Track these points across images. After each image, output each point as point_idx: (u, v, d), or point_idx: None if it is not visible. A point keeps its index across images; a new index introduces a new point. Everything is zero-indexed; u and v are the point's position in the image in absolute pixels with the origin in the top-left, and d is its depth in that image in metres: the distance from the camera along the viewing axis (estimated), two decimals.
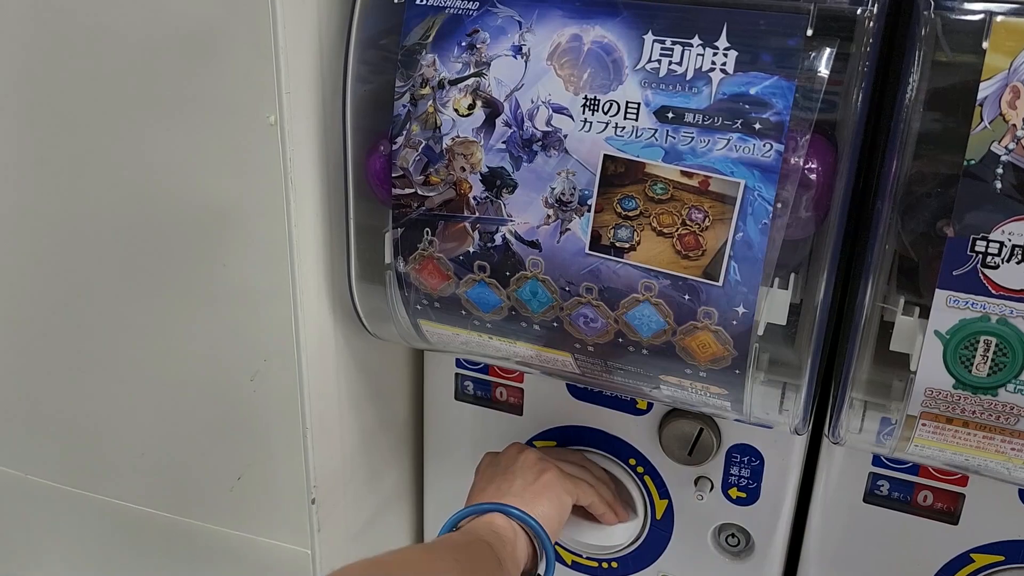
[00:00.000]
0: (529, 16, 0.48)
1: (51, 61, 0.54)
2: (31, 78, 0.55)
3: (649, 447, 0.63)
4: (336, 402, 0.60)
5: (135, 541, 0.67)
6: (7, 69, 0.56)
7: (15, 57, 0.55)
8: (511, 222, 0.51)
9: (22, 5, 0.53)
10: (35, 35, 0.54)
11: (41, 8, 0.53)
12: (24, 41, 0.55)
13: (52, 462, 0.66)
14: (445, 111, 0.50)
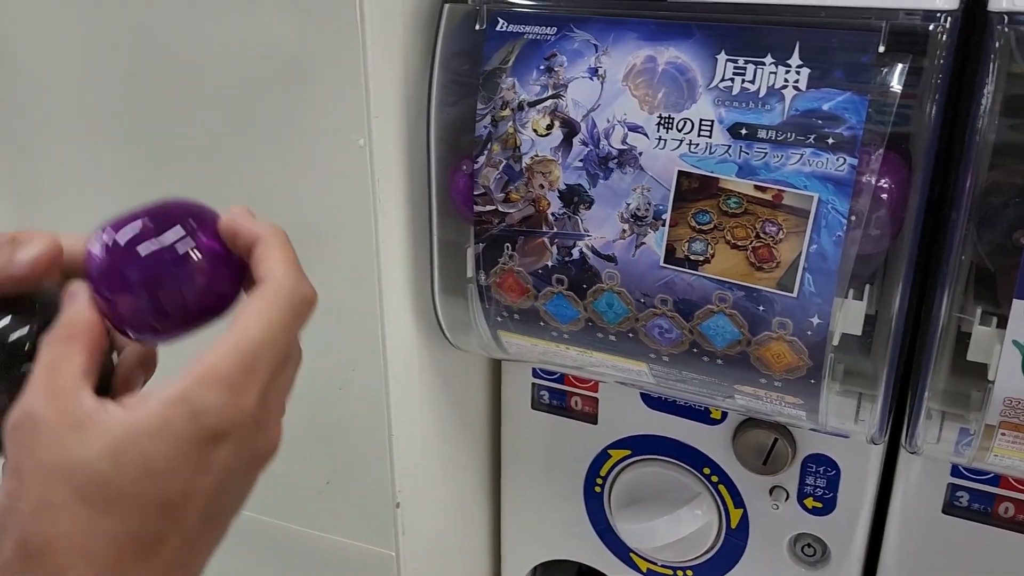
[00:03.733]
0: (605, 39, 0.50)
1: (157, 90, 0.58)
2: (138, 105, 0.59)
3: (723, 456, 0.64)
4: (419, 410, 0.63)
5: (226, 542, 0.70)
6: (114, 97, 0.60)
7: (122, 85, 0.59)
8: (588, 237, 0.53)
9: (128, 37, 0.58)
10: (141, 65, 0.58)
11: (146, 40, 0.57)
12: (130, 70, 0.59)
13: None
14: (524, 131, 0.53)
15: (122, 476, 0.29)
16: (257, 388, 0.31)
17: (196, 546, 0.31)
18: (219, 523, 0.32)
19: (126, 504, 0.29)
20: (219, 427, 0.30)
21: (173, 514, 0.30)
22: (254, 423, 0.31)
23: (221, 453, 0.30)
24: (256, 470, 0.33)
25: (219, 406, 0.30)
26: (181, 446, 0.29)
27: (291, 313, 0.34)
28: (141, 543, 0.29)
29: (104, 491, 0.29)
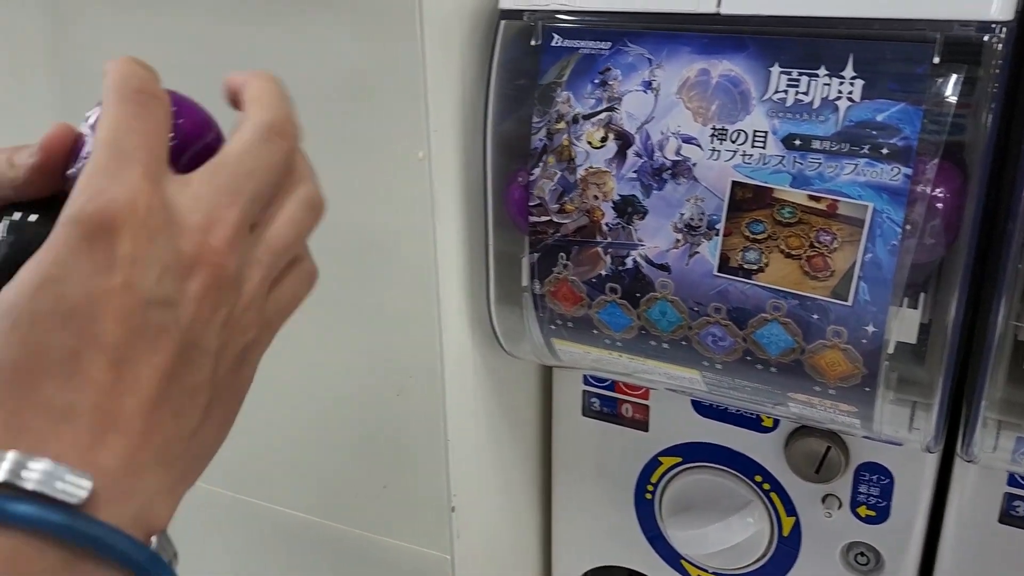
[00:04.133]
0: (659, 53, 0.52)
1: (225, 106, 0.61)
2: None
3: (775, 464, 0.64)
4: (473, 416, 0.64)
5: (287, 544, 0.72)
6: None
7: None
8: (641, 246, 0.54)
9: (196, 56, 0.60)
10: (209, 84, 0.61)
11: (214, 58, 0.60)
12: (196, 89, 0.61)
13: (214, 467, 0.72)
14: (579, 144, 0.54)
15: (20, 294, 0.27)
16: (131, 173, 0.28)
17: (135, 365, 0.27)
18: (162, 341, 0.28)
19: (25, 320, 0.27)
20: (99, 215, 0.27)
21: (83, 324, 0.27)
22: (148, 210, 0.28)
23: (120, 247, 0.27)
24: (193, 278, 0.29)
25: (91, 195, 0.27)
26: (67, 245, 0.27)
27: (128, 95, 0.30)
28: (51, 359, 0.26)
29: (7, 317, 0.27)
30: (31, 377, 0.26)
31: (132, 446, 0.27)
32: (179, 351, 0.28)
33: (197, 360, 0.29)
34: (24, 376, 0.26)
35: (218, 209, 0.29)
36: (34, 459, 0.25)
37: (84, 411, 0.26)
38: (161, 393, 0.28)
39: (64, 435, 0.26)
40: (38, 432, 0.26)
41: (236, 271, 0.30)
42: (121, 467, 0.26)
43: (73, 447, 0.26)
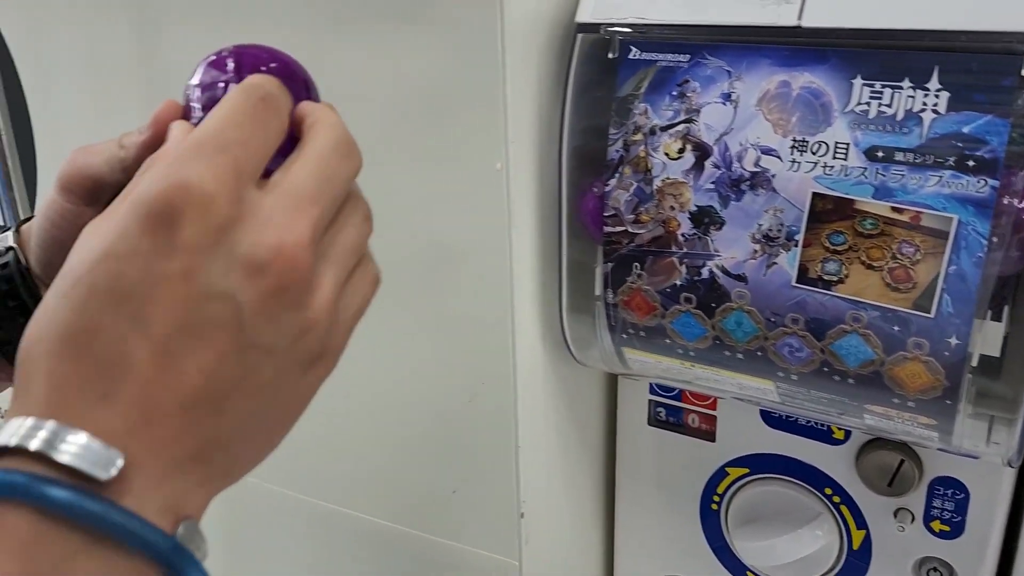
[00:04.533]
0: (738, 66, 0.52)
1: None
2: None
3: (846, 477, 0.64)
4: (543, 423, 0.65)
5: (355, 547, 0.73)
6: None
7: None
8: (718, 257, 0.54)
9: None
10: None
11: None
12: None
13: (285, 470, 0.74)
14: (656, 155, 0.55)
15: (81, 262, 0.27)
16: (216, 160, 0.27)
17: (181, 358, 0.26)
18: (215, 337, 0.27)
19: (82, 291, 0.26)
20: (164, 196, 0.26)
21: (135, 307, 0.26)
22: (217, 198, 0.27)
23: (182, 233, 0.26)
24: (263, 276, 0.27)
25: (164, 175, 0.27)
26: (133, 222, 0.26)
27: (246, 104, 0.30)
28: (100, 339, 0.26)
29: (69, 276, 0.27)
30: (78, 352, 0.26)
31: (166, 440, 0.26)
32: (235, 350, 0.27)
33: (256, 361, 0.28)
34: (71, 349, 0.26)
35: (297, 211, 0.29)
36: (72, 432, 0.25)
37: (122, 398, 0.26)
38: (205, 391, 0.27)
39: (99, 418, 0.26)
40: (75, 409, 0.26)
41: (309, 273, 0.29)
42: (151, 459, 0.26)
43: (107, 432, 0.25)
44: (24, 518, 0.24)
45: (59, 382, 0.26)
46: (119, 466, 0.25)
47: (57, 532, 0.24)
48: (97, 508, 0.24)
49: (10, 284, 0.39)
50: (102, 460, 0.25)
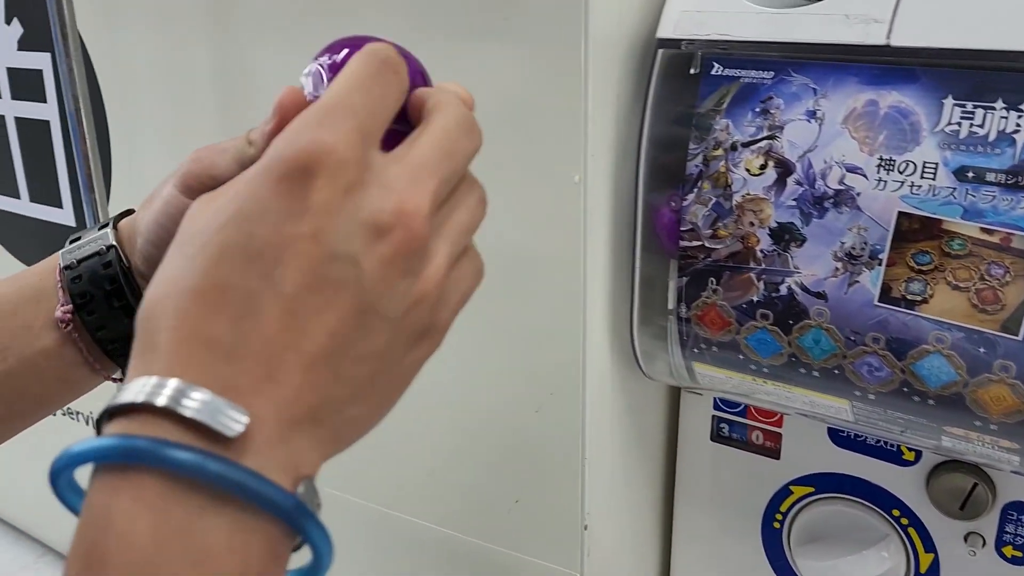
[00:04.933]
0: (824, 83, 0.52)
1: None
2: None
3: (915, 499, 0.63)
4: (609, 436, 0.65)
5: (415, 554, 0.74)
6: None
7: None
8: (798, 274, 0.54)
9: None
10: None
11: None
12: None
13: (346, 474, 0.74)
14: (737, 171, 0.55)
15: (213, 223, 0.27)
16: (345, 124, 0.28)
17: (306, 318, 0.27)
18: (339, 299, 0.27)
19: (213, 250, 0.27)
20: (300, 156, 0.27)
21: (266, 266, 0.26)
22: (348, 161, 0.27)
23: (315, 194, 0.27)
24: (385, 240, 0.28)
25: (297, 136, 0.27)
26: (265, 183, 0.27)
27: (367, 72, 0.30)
28: (229, 296, 0.26)
29: (196, 240, 0.27)
30: (205, 309, 0.26)
31: (287, 399, 0.27)
32: (355, 312, 0.28)
33: (372, 325, 0.28)
34: (199, 306, 0.26)
35: (418, 180, 0.29)
36: (196, 389, 0.25)
37: (247, 355, 0.26)
38: (326, 351, 0.27)
39: (223, 375, 0.26)
40: (200, 367, 0.26)
41: (426, 242, 0.29)
42: (273, 417, 0.26)
43: (230, 388, 0.26)
44: (153, 479, 0.24)
45: (186, 338, 0.26)
46: (244, 424, 0.25)
47: (184, 492, 0.25)
48: (221, 468, 0.25)
49: (114, 283, 0.39)
50: (227, 417, 0.25)
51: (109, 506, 0.24)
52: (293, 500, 0.26)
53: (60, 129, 0.85)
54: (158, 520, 0.24)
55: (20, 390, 0.39)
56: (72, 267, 0.39)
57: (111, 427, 0.26)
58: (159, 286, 0.28)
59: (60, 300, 0.39)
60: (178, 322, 0.26)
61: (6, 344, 0.38)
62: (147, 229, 0.38)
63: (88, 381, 0.41)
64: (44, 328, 0.39)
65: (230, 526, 0.25)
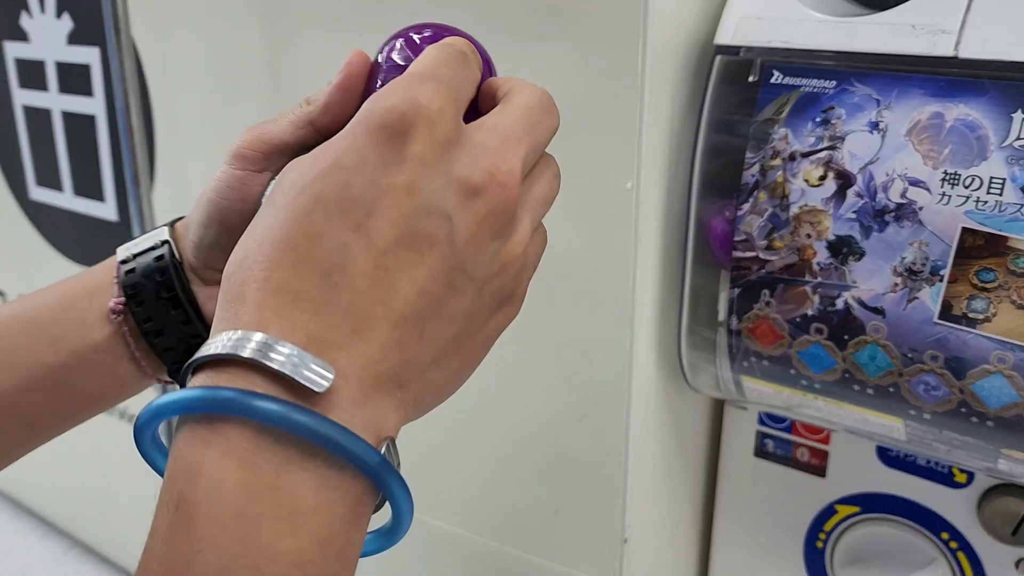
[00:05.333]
0: (888, 94, 0.51)
1: None
2: None
3: (966, 522, 0.62)
4: (652, 448, 0.64)
5: (452, 563, 0.73)
6: None
7: None
8: (855, 288, 0.53)
9: None
10: None
11: None
12: None
13: None
14: (795, 181, 0.54)
15: (307, 172, 0.27)
16: (440, 87, 0.28)
17: (396, 273, 0.26)
18: (430, 255, 0.27)
19: (308, 199, 0.26)
20: (398, 109, 0.27)
21: (359, 217, 0.26)
22: (446, 116, 0.27)
23: (412, 146, 0.27)
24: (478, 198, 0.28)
25: (394, 92, 0.27)
26: (363, 135, 0.27)
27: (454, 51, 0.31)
28: (320, 247, 0.26)
29: (288, 191, 0.27)
30: (295, 259, 0.26)
31: (372, 357, 0.26)
32: (445, 270, 0.27)
33: (460, 285, 0.28)
34: (289, 256, 0.26)
35: (508, 145, 0.29)
36: (282, 343, 0.25)
37: (335, 309, 0.26)
38: (415, 309, 0.27)
39: (310, 328, 0.25)
40: (287, 319, 0.25)
41: (516, 204, 0.29)
42: (357, 374, 0.26)
43: (316, 342, 0.25)
44: (241, 431, 0.24)
45: (275, 288, 0.26)
46: (330, 379, 0.25)
47: (272, 445, 0.24)
48: (309, 421, 0.24)
49: (164, 275, 0.39)
50: (313, 372, 0.25)
51: (199, 458, 0.24)
52: (379, 457, 0.25)
53: (107, 123, 0.86)
54: (247, 473, 0.24)
55: (70, 383, 0.39)
56: (127, 261, 0.40)
57: (197, 379, 0.26)
58: (249, 238, 0.27)
59: (114, 293, 0.39)
60: (267, 273, 0.26)
61: (60, 336, 0.39)
62: (199, 213, 0.39)
63: (136, 381, 0.41)
64: (97, 322, 0.39)
65: (316, 482, 0.25)
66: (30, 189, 0.98)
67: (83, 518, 1.18)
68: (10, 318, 0.39)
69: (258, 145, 0.36)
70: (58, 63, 0.88)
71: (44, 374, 0.38)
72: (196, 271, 0.40)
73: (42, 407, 0.39)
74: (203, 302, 0.40)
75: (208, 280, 0.40)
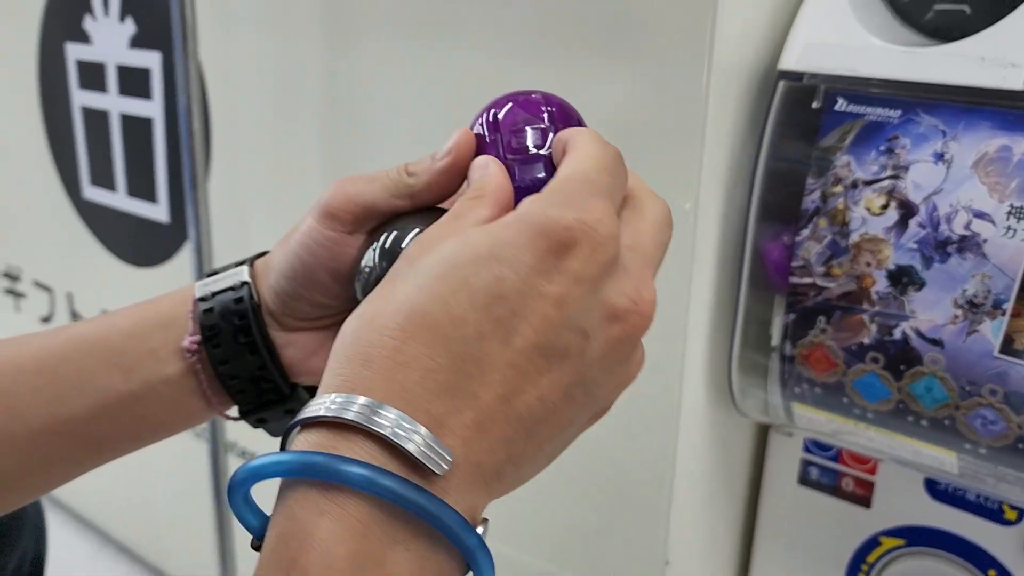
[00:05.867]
0: (954, 126, 0.51)
1: None
2: None
3: (1015, 560, 0.61)
4: (697, 471, 0.64)
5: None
6: None
7: None
8: (913, 318, 0.52)
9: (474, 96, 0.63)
10: None
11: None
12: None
13: None
14: (856, 209, 0.54)
15: (463, 253, 0.27)
16: (606, 205, 0.28)
17: (524, 378, 0.27)
18: (559, 369, 0.27)
19: (456, 279, 0.26)
20: (564, 221, 0.27)
21: (504, 314, 0.26)
22: (609, 242, 0.27)
23: (571, 261, 0.27)
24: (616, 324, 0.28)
25: (561, 202, 0.27)
26: (526, 236, 0.27)
27: (610, 153, 0.31)
28: (459, 332, 0.26)
29: (435, 267, 0.27)
30: (432, 338, 0.26)
31: (484, 451, 0.27)
32: (568, 383, 0.28)
33: (578, 398, 0.28)
34: (426, 333, 0.26)
35: (645, 269, 0.30)
36: (414, 423, 0.25)
37: (460, 398, 0.26)
38: (532, 414, 0.27)
39: (433, 409, 0.26)
40: (413, 397, 0.26)
41: (645, 332, 0.30)
42: (467, 464, 0.26)
43: (436, 425, 0.26)
44: (361, 503, 0.25)
45: (405, 361, 0.26)
46: (448, 464, 0.25)
47: (383, 521, 0.25)
48: (429, 504, 0.25)
49: (242, 319, 0.39)
50: (437, 455, 0.25)
51: (313, 524, 0.25)
52: (479, 540, 0.26)
53: (163, 126, 0.87)
54: (357, 545, 0.24)
55: (140, 413, 0.39)
56: (205, 299, 0.39)
57: (311, 437, 0.26)
58: (383, 299, 0.27)
59: (189, 329, 0.39)
60: (399, 344, 0.26)
61: (133, 366, 0.38)
62: (283, 262, 0.38)
63: (201, 414, 0.41)
64: (169, 355, 0.39)
65: (417, 562, 0.25)
66: (84, 188, 1.00)
67: (117, 516, 1.19)
68: (82, 339, 0.39)
69: (350, 207, 0.35)
70: (119, 66, 0.90)
71: (115, 402, 0.38)
72: (275, 316, 0.39)
73: (110, 433, 0.39)
74: (281, 347, 0.39)
75: (287, 326, 0.39)
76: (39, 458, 0.38)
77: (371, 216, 0.35)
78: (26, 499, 0.41)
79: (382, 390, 0.26)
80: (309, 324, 0.39)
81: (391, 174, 0.35)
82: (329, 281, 0.36)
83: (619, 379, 0.30)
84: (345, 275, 0.36)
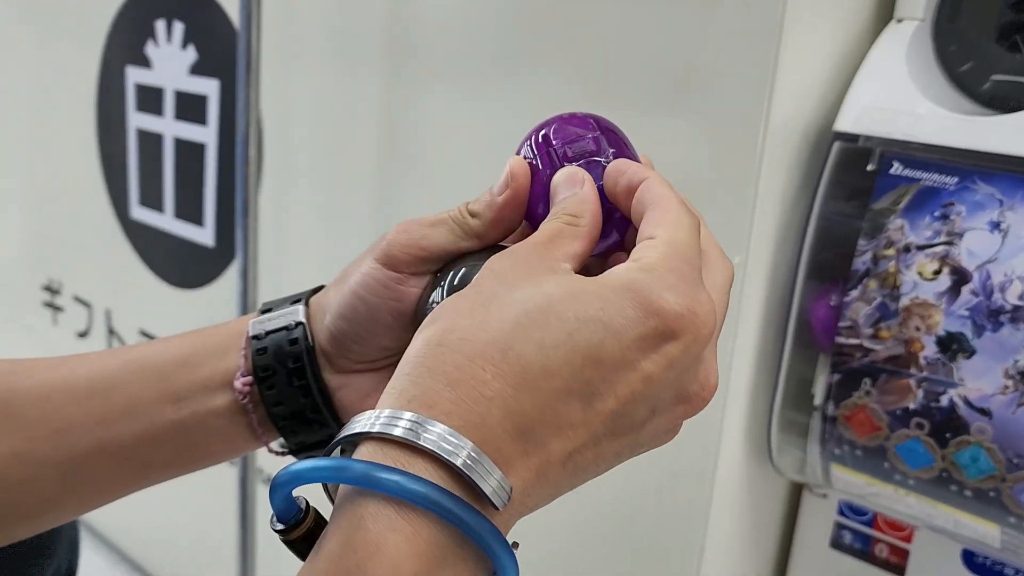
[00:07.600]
0: (1012, 196, 0.51)
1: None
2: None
3: None
4: (729, 527, 0.63)
5: None
6: None
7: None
8: (962, 386, 0.52)
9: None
10: None
11: None
12: None
13: None
14: (908, 273, 0.53)
15: (567, 312, 0.28)
16: (707, 295, 0.29)
17: (591, 441, 0.28)
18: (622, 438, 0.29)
19: (560, 333, 0.27)
20: (677, 311, 0.27)
21: (594, 379, 0.27)
22: (704, 337, 0.28)
23: (670, 348, 0.28)
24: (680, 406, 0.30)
25: (677, 293, 0.28)
26: (635, 313, 0.28)
27: (695, 223, 0.32)
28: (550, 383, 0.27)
29: (543, 313, 0.27)
30: (522, 382, 0.27)
31: (534, 489, 0.28)
32: (622, 447, 0.29)
33: (624, 455, 0.30)
34: (518, 376, 0.27)
35: (712, 353, 0.31)
36: (486, 459, 0.26)
37: (531, 443, 0.27)
38: (582, 466, 0.29)
39: (504, 448, 0.27)
40: (491, 432, 0.27)
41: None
42: (518, 503, 0.28)
43: (504, 462, 0.27)
44: (430, 524, 0.26)
45: (492, 397, 0.27)
46: (507, 499, 0.27)
47: (446, 540, 0.26)
48: (488, 535, 0.26)
49: (297, 361, 0.38)
50: (501, 489, 0.27)
51: (383, 538, 0.25)
52: (514, 558, 0.27)
53: (216, 152, 0.89)
54: (420, 564, 0.25)
55: (187, 441, 0.39)
56: (260, 337, 0.39)
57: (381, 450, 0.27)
58: (477, 326, 0.28)
59: (241, 369, 0.39)
60: (489, 379, 0.27)
61: (183, 395, 0.39)
62: (341, 304, 0.38)
63: (249, 445, 0.41)
64: (220, 388, 0.39)
65: None
66: (132, 208, 1.02)
67: (132, 534, 1.19)
68: (131, 362, 0.39)
69: (414, 250, 0.36)
70: (177, 91, 0.92)
71: (164, 429, 0.38)
72: (329, 358, 0.39)
73: (157, 458, 0.39)
74: (335, 390, 0.39)
75: (341, 368, 0.39)
76: (84, 479, 0.39)
77: (435, 259, 0.36)
78: (68, 518, 0.41)
79: (460, 416, 0.27)
80: (364, 366, 0.39)
81: (455, 216, 0.36)
82: (391, 321, 0.37)
83: (661, 442, 0.31)
84: (407, 316, 0.36)
